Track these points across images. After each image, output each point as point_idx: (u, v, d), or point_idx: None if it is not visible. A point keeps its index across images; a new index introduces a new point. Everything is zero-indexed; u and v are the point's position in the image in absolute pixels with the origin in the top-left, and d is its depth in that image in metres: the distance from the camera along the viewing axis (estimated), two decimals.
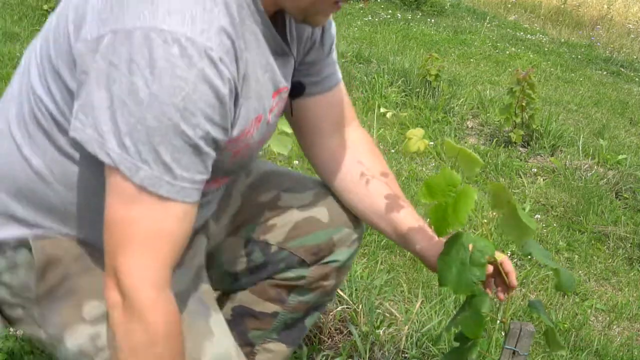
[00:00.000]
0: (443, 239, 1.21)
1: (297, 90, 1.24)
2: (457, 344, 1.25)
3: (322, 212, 1.38)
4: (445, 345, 1.89)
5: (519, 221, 1.08)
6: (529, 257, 2.73)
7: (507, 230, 1.11)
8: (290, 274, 1.40)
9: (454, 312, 2.07)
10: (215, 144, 0.97)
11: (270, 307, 1.43)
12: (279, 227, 1.38)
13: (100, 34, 0.91)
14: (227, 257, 1.42)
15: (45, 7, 5.26)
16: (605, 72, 7.45)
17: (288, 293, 1.42)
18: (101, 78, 0.90)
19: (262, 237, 1.39)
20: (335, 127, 1.36)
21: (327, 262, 1.39)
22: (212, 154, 0.97)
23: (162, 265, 0.95)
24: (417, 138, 1.15)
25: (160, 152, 0.90)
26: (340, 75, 1.35)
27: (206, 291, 1.21)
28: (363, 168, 1.37)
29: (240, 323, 1.43)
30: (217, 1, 0.94)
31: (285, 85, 1.15)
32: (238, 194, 1.40)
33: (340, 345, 1.89)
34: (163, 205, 0.93)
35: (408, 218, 1.32)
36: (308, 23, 1.10)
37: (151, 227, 0.93)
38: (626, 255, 2.98)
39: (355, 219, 1.40)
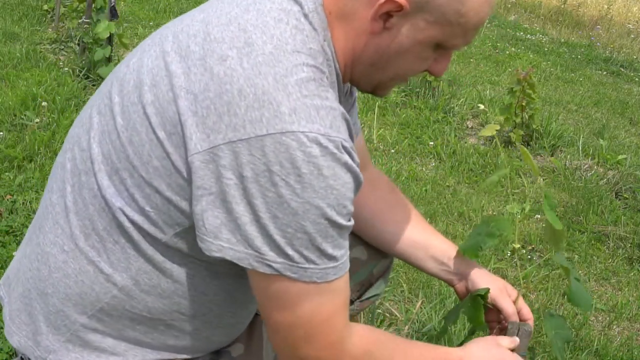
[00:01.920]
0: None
1: None
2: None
3: (360, 251, 1.39)
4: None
5: (552, 233, 1.19)
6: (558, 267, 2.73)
7: (546, 236, 1.24)
8: None
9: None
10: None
11: None
12: None
13: (216, 144, 0.86)
14: None
15: (45, 7, 5.25)
16: (605, 72, 7.45)
17: None
18: (236, 193, 0.86)
19: None
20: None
21: (368, 297, 1.43)
22: None
23: (343, 328, 0.98)
24: (491, 128, 1.31)
25: (323, 248, 0.90)
26: None
27: None
28: (391, 210, 1.38)
29: None
30: (324, 81, 0.91)
31: None
32: None
33: None
34: (331, 286, 0.94)
35: (444, 246, 1.35)
36: (374, 94, 1.10)
37: (327, 311, 0.94)
38: (626, 255, 2.98)
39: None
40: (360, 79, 1.04)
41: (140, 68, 0.97)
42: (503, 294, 1.26)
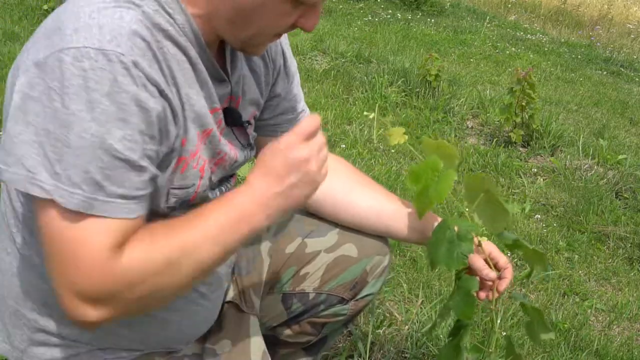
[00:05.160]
0: None
1: (233, 118, 1.14)
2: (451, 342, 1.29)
3: (349, 248, 1.39)
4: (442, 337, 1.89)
5: (496, 205, 1.13)
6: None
7: (485, 219, 1.17)
8: (330, 312, 1.43)
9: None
10: (149, 157, 0.92)
11: (304, 338, 1.47)
12: (312, 274, 1.40)
13: (17, 75, 0.90)
14: (268, 316, 1.43)
15: (45, 7, 5.25)
16: (605, 72, 7.45)
17: (323, 325, 1.45)
18: (19, 114, 0.87)
19: (298, 288, 1.40)
20: None
21: (363, 297, 1.43)
22: (149, 167, 0.92)
23: (103, 251, 0.89)
24: (397, 134, 1.20)
25: (90, 171, 0.86)
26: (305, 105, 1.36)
27: None
28: (359, 188, 1.39)
29: (270, 347, 1.43)
30: (130, 12, 0.90)
31: (218, 106, 1.09)
32: (265, 253, 1.40)
33: (340, 345, 1.89)
34: (99, 222, 0.88)
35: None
36: (245, 52, 1.08)
37: (85, 233, 0.88)
38: (626, 255, 2.98)
39: (382, 246, 1.43)
40: (225, 36, 1.03)
41: None
42: (475, 254, 1.27)
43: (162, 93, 0.92)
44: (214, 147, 1.07)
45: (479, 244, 1.24)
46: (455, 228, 1.17)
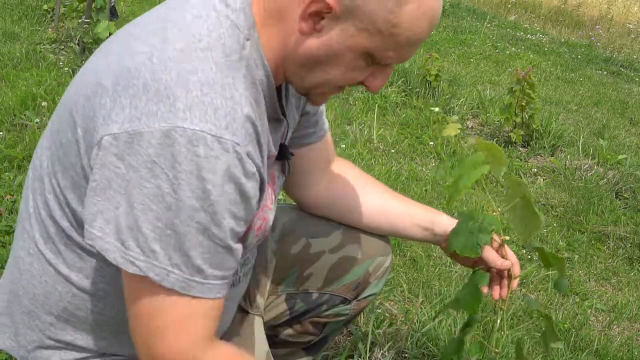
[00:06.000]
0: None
1: (283, 154, 1.16)
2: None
3: (353, 249, 1.40)
4: (442, 337, 1.89)
5: (531, 213, 1.16)
6: (533, 252, 2.73)
7: (516, 223, 1.21)
8: (332, 312, 1.43)
9: (454, 311, 2.07)
10: (239, 238, 0.95)
11: (305, 338, 1.48)
12: (316, 275, 1.40)
13: (112, 133, 0.86)
14: (271, 316, 1.44)
15: (45, 7, 5.25)
16: (605, 72, 7.45)
17: (324, 325, 1.46)
18: (119, 181, 0.86)
19: (301, 288, 1.41)
20: (327, 164, 1.39)
21: (365, 297, 1.44)
22: (240, 247, 0.95)
23: (198, 338, 0.94)
24: (452, 127, 1.24)
25: (191, 256, 0.88)
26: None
27: None
28: (365, 189, 1.40)
29: (271, 346, 1.43)
30: (237, 85, 0.89)
31: (274, 152, 1.10)
32: (271, 253, 1.41)
33: (340, 345, 1.89)
34: (192, 303, 0.91)
35: (423, 211, 1.38)
36: (307, 99, 1.07)
37: (182, 313, 0.92)
38: (626, 255, 2.98)
39: (385, 246, 1.44)
40: (292, 79, 1.02)
41: (82, 72, 1.00)
42: (486, 247, 1.27)
43: (260, 175, 0.93)
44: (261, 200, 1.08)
45: (502, 244, 1.26)
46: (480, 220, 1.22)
